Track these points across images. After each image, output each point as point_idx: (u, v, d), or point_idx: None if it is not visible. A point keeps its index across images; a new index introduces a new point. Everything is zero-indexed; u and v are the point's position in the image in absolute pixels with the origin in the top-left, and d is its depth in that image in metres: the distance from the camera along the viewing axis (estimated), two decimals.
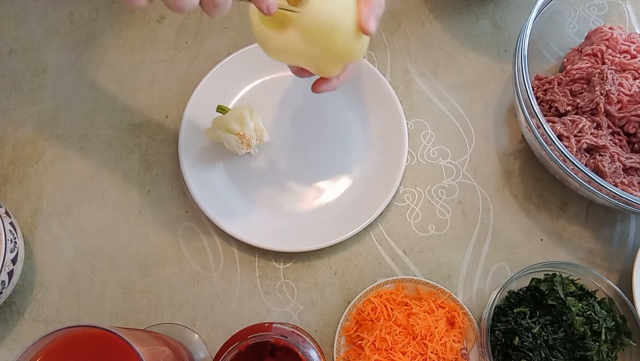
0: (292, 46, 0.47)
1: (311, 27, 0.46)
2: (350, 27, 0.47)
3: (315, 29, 0.46)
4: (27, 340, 0.60)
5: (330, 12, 0.45)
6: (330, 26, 0.46)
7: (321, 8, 0.45)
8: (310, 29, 0.46)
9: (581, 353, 0.54)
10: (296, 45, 0.47)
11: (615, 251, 0.63)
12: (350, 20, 0.46)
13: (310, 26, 0.45)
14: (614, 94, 0.60)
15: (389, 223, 0.64)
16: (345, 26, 0.46)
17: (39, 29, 0.72)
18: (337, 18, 0.45)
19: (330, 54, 0.48)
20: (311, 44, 0.47)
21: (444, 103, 0.69)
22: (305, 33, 0.46)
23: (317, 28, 0.46)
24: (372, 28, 0.47)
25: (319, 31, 0.46)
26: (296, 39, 0.46)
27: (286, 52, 0.48)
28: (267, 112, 0.67)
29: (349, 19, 0.46)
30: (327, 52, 0.48)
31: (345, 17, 0.46)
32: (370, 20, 0.47)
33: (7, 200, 0.65)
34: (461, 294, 0.62)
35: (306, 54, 0.48)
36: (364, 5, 0.47)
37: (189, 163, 0.64)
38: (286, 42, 0.47)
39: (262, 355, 0.49)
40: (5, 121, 0.68)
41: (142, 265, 0.63)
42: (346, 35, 0.47)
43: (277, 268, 0.63)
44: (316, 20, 0.45)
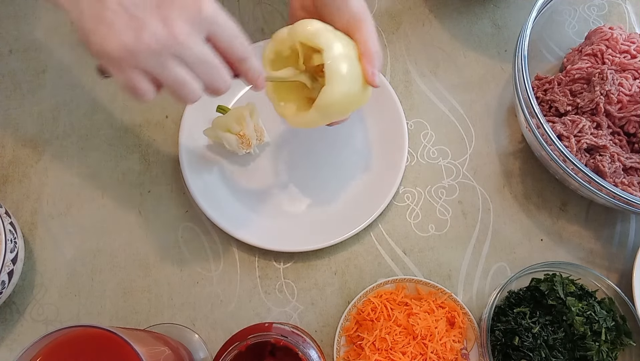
0: (313, 122, 0.52)
1: (329, 109, 0.50)
2: (359, 88, 0.50)
3: (333, 109, 0.50)
4: (27, 340, 0.60)
5: (342, 90, 0.49)
6: (346, 103, 0.50)
7: (335, 92, 0.48)
8: (328, 110, 0.50)
9: (581, 353, 0.54)
10: (317, 120, 0.51)
11: (615, 251, 0.63)
12: (357, 84, 0.50)
13: (327, 109, 0.50)
14: (614, 94, 0.60)
15: (389, 223, 0.64)
16: (354, 92, 0.50)
17: (39, 29, 0.72)
18: (349, 93, 0.49)
19: (345, 114, 0.54)
20: (330, 117, 0.52)
21: (444, 103, 0.69)
22: (323, 113, 0.50)
23: (334, 109, 0.50)
24: (377, 81, 0.51)
25: (336, 109, 0.51)
26: (317, 117, 0.51)
27: (308, 125, 0.53)
28: (267, 112, 0.67)
29: (357, 83, 0.50)
30: (342, 115, 0.53)
31: (353, 86, 0.50)
32: (375, 75, 0.50)
33: (7, 200, 0.65)
34: (461, 295, 0.61)
35: (325, 122, 0.53)
36: (366, 62, 0.50)
37: (189, 163, 0.64)
38: (308, 120, 0.52)
39: (262, 355, 0.49)
40: (5, 121, 0.68)
41: (142, 265, 0.63)
42: (356, 97, 0.51)
43: (277, 268, 0.63)
44: (333, 103, 0.49)
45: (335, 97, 0.48)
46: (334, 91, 0.48)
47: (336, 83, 0.48)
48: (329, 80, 0.48)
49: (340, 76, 0.48)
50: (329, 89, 0.48)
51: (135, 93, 0.40)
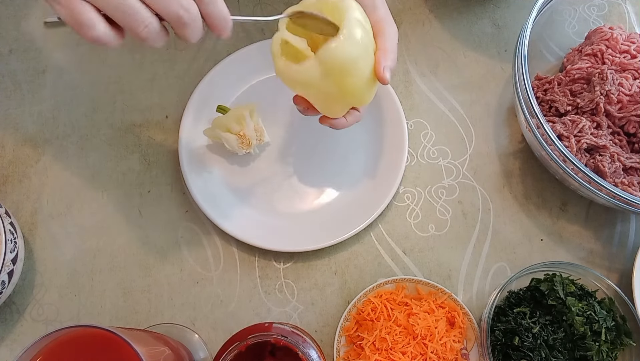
0: (309, 78, 0.48)
1: (332, 63, 0.47)
2: (366, 72, 0.49)
3: (335, 66, 0.47)
4: (27, 340, 0.60)
5: (352, 53, 0.47)
6: (349, 67, 0.47)
7: (345, 47, 0.46)
8: (331, 64, 0.47)
9: (581, 353, 0.54)
10: (313, 77, 0.48)
11: (615, 251, 0.63)
12: (367, 66, 0.49)
13: (331, 62, 0.47)
14: (614, 94, 0.60)
15: (389, 223, 0.64)
16: (362, 70, 0.48)
17: (39, 29, 0.72)
18: (358, 61, 0.47)
19: (342, 94, 0.50)
20: (327, 79, 0.48)
21: (444, 103, 0.69)
22: (324, 67, 0.47)
23: (337, 65, 0.47)
24: (387, 77, 0.49)
25: (338, 69, 0.47)
26: (314, 72, 0.48)
27: (301, 83, 0.50)
28: (267, 112, 0.67)
29: (367, 65, 0.49)
30: (340, 90, 0.50)
31: (363, 63, 0.48)
32: (387, 71, 0.49)
33: (7, 200, 0.65)
34: (461, 295, 0.62)
35: (319, 89, 0.49)
36: (381, 55, 0.49)
37: (189, 163, 0.64)
38: (304, 72, 0.48)
39: (262, 355, 0.49)
40: (5, 121, 0.68)
41: (142, 265, 0.63)
42: (361, 79, 0.49)
43: (277, 268, 0.63)
44: (338, 57, 0.47)
45: (342, 53, 0.46)
46: (345, 46, 0.46)
47: (348, 41, 0.46)
48: (342, 35, 0.46)
49: (353, 36, 0.46)
50: (339, 42, 0.46)
51: (81, 26, 0.36)
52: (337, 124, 0.55)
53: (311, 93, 0.51)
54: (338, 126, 0.55)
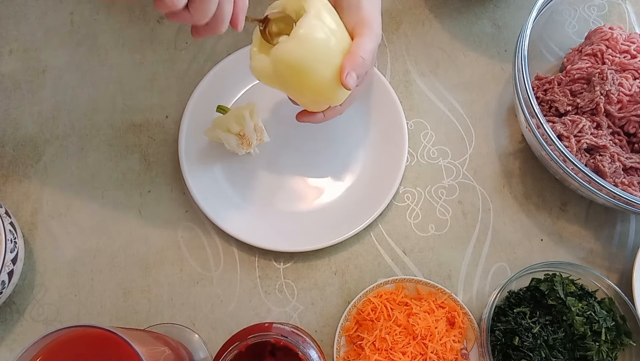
0: (268, 74, 0.49)
1: (280, 65, 0.47)
2: (329, 75, 0.48)
3: (284, 68, 0.47)
4: (27, 340, 0.60)
5: (303, 57, 0.46)
6: (299, 68, 0.47)
7: (294, 52, 0.46)
8: (279, 65, 0.47)
9: (581, 353, 0.54)
10: (270, 75, 0.49)
11: (615, 251, 0.63)
12: (329, 68, 0.48)
13: (278, 63, 0.47)
14: (614, 94, 0.60)
15: (389, 223, 0.64)
16: (320, 71, 0.48)
17: (39, 29, 0.72)
18: (311, 62, 0.47)
19: (301, 92, 0.50)
20: (283, 78, 0.49)
21: (444, 103, 0.69)
22: (275, 67, 0.47)
23: (285, 67, 0.47)
24: (349, 83, 0.48)
25: (288, 70, 0.47)
26: (270, 69, 0.48)
27: (264, 77, 0.50)
28: (267, 112, 0.67)
29: (328, 68, 0.48)
30: (298, 89, 0.50)
31: (321, 64, 0.47)
32: (349, 76, 0.48)
33: (7, 200, 0.65)
34: (461, 295, 0.61)
35: (282, 86, 0.50)
36: (346, 60, 0.48)
37: (189, 163, 0.64)
38: (263, 67, 0.49)
39: (262, 355, 0.49)
40: (5, 121, 0.68)
41: (142, 265, 0.63)
42: (320, 79, 0.48)
43: (277, 268, 0.63)
44: (283, 59, 0.47)
45: (288, 54, 0.46)
46: (290, 48, 0.46)
47: (296, 42, 0.46)
48: (292, 36, 0.46)
49: (306, 38, 0.46)
50: (286, 44, 0.46)
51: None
52: (315, 119, 0.55)
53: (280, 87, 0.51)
54: (316, 121, 0.55)
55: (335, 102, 0.53)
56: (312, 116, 0.55)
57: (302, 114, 0.56)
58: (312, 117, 0.55)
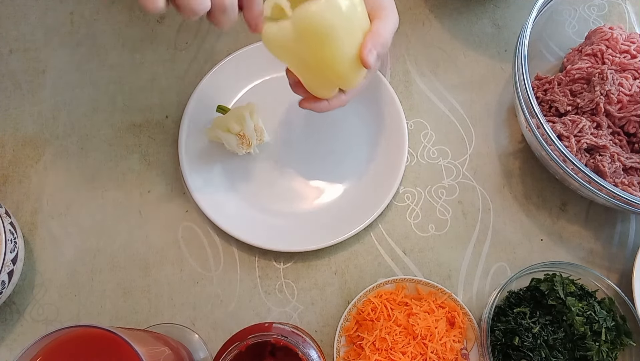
0: (284, 41, 0.46)
1: (305, 25, 0.44)
2: (349, 49, 0.46)
3: (309, 29, 0.44)
4: (27, 340, 0.60)
5: (329, 20, 0.44)
6: (325, 34, 0.44)
7: (322, 12, 0.44)
8: (304, 27, 0.44)
9: (581, 353, 0.54)
10: (288, 40, 0.45)
11: (615, 251, 0.63)
12: (351, 42, 0.46)
13: (304, 23, 0.44)
14: (614, 94, 0.60)
15: (389, 223, 0.64)
16: (342, 44, 0.45)
17: (39, 29, 0.72)
18: (337, 31, 0.44)
19: (319, 65, 0.47)
20: (301, 43, 0.45)
21: (444, 103, 0.69)
22: (297, 28, 0.44)
23: (311, 29, 0.44)
24: (370, 60, 0.47)
25: (312, 33, 0.44)
26: (289, 33, 0.45)
27: (279, 46, 0.47)
28: (267, 112, 0.67)
29: (350, 41, 0.46)
30: (316, 60, 0.47)
31: (345, 36, 0.45)
32: (371, 53, 0.46)
33: (7, 200, 0.65)
34: (461, 295, 0.61)
35: (295, 54, 0.47)
36: (369, 37, 0.47)
37: (189, 163, 0.64)
38: (280, 32, 0.46)
39: (262, 355, 0.49)
40: (5, 121, 0.68)
41: (142, 265, 0.63)
42: (341, 53, 0.46)
43: (277, 268, 0.63)
44: (312, 20, 0.44)
45: (316, 15, 0.43)
46: (318, 9, 0.43)
47: (326, 6, 0.43)
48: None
49: (335, 4, 0.43)
50: (314, 3, 0.43)
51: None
52: (319, 107, 0.52)
53: (291, 60, 0.49)
54: (319, 109, 0.52)
55: (348, 85, 0.50)
56: (316, 102, 0.52)
57: (305, 100, 0.53)
58: (315, 105, 0.52)
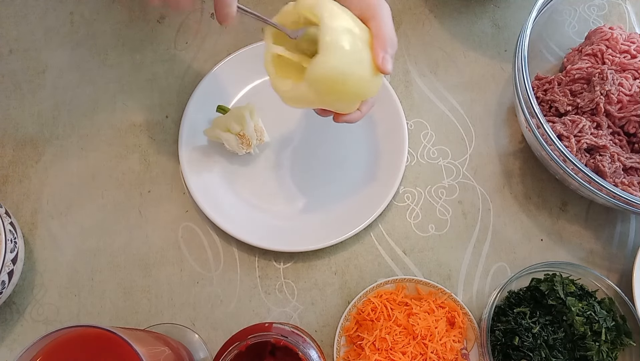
0: (306, 98, 0.47)
1: (320, 83, 0.46)
2: (364, 72, 0.47)
3: (324, 84, 0.46)
4: (27, 340, 0.60)
5: (337, 65, 0.45)
6: (340, 78, 0.45)
7: (334, 68, 0.44)
8: (319, 84, 0.46)
9: (581, 353, 0.54)
10: (310, 97, 0.47)
11: (615, 251, 0.63)
12: (362, 67, 0.46)
13: (318, 82, 0.45)
14: (614, 94, 0.60)
15: (389, 223, 0.64)
16: (357, 72, 0.46)
17: (39, 29, 0.72)
18: (348, 67, 0.45)
19: (342, 99, 0.49)
20: (323, 95, 0.47)
21: (444, 103, 0.69)
22: (315, 88, 0.46)
23: (325, 83, 0.46)
24: (389, 67, 0.47)
25: (328, 85, 0.46)
26: (308, 93, 0.46)
27: (302, 102, 0.49)
28: (267, 112, 0.67)
29: (362, 66, 0.46)
30: (339, 98, 0.48)
31: (355, 66, 0.46)
32: (386, 61, 0.47)
33: (7, 200, 0.65)
34: (461, 295, 0.61)
35: (321, 103, 0.49)
36: (377, 44, 0.47)
37: (189, 163, 0.64)
38: (299, 94, 0.47)
39: (262, 355, 0.49)
40: (5, 121, 0.68)
41: (142, 265, 0.63)
42: (359, 81, 0.47)
43: (277, 268, 0.63)
44: (323, 76, 0.45)
45: (327, 69, 0.44)
46: (326, 62, 0.44)
47: (330, 54, 0.44)
48: (322, 49, 0.44)
49: (336, 46, 0.44)
50: (320, 59, 0.44)
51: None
52: (352, 119, 0.53)
53: (317, 106, 0.51)
54: (353, 120, 0.53)
55: (373, 94, 0.51)
56: (349, 115, 0.53)
57: (338, 116, 0.53)
58: (350, 117, 0.53)
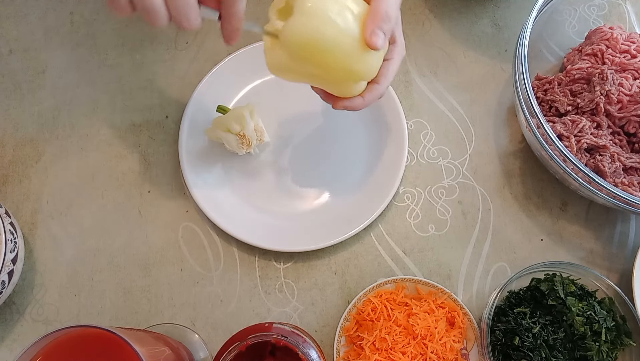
0: (285, 64, 0.45)
1: (294, 46, 0.42)
2: (350, 46, 0.43)
3: (299, 49, 0.43)
4: (27, 340, 0.60)
5: (311, 31, 0.41)
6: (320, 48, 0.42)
7: (300, 26, 0.41)
8: (293, 47, 0.42)
9: (581, 353, 0.54)
10: (287, 62, 0.44)
11: (615, 251, 0.63)
12: (348, 40, 0.43)
13: (292, 45, 0.42)
14: (614, 94, 0.60)
15: (389, 223, 0.64)
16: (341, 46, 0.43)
17: (39, 29, 0.72)
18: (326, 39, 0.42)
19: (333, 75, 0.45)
20: (301, 62, 0.44)
21: (444, 103, 0.69)
22: (290, 51, 0.43)
23: (300, 47, 0.42)
24: (377, 42, 0.44)
25: (305, 51, 0.43)
26: (283, 56, 0.44)
27: (283, 70, 0.46)
28: (267, 112, 0.67)
29: (347, 38, 0.43)
30: (328, 74, 0.45)
31: (340, 37, 0.42)
32: (375, 35, 0.43)
33: (7, 200, 0.65)
34: (461, 295, 0.61)
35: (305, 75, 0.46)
36: (369, 19, 0.44)
37: (189, 163, 0.64)
38: (277, 58, 0.45)
39: (262, 355, 0.49)
40: (5, 121, 0.68)
41: (142, 265, 0.63)
42: (344, 55, 0.43)
43: (277, 268, 0.63)
44: (297, 39, 0.42)
45: (300, 32, 0.41)
46: (300, 25, 0.41)
47: (305, 16, 0.41)
48: (297, 11, 0.41)
49: (315, 10, 0.40)
50: (294, 20, 0.41)
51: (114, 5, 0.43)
52: (353, 105, 0.50)
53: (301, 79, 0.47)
54: (354, 107, 0.50)
55: (371, 74, 0.47)
56: (350, 100, 0.50)
57: (338, 100, 0.50)
58: (350, 102, 0.50)
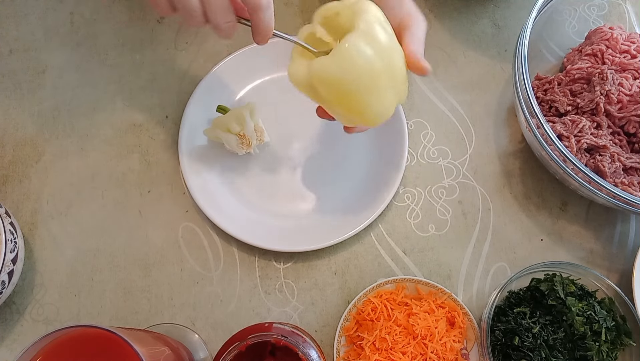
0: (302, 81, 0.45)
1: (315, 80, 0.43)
2: (370, 97, 0.43)
3: (320, 83, 0.43)
4: (27, 340, 0.60)
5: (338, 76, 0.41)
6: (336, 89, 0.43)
7: (329, 67, 0.41)
8: (315, 81, 0.43)
9: (581, 353, 0.54)
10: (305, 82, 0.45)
11: (615, 251, 0.63)
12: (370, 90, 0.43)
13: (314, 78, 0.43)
14: (614, 94, 0.60)
15: (389, 223, 0.64)
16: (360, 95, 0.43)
17: (39, 29, 0.72)
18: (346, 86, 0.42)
19: (352, 114, 0.46)
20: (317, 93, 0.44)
21: (444, 103, 0.69)
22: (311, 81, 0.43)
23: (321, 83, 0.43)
24: (427, 66, 0.46)
25: (324, 87, 0.43)
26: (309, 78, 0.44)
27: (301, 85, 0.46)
28: (267, 112, 0.67)
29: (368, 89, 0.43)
30: (347, 111, 0.45)
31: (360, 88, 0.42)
32: (423, 60, 0.46)
33: (7, 200, 0.65)
34: (461, 295, 0.61)
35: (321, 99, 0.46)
36: (410, 42, 0.46)
37: (189, 163, 0.64)
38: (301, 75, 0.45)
39: (262, 355, 0.49)
40: (5, 121, 0.68)
41: (142, 265, 0.63)
42: (362, 104, 0.44)
43: (277, 268, 0.63)
44: (321, 76, 0.43)
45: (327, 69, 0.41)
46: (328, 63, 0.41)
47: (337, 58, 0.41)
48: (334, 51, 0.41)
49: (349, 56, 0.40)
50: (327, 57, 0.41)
51: (156, 5, 0.44)
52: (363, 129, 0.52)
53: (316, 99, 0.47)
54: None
55: (385, 118, 0.48)
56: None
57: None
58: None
